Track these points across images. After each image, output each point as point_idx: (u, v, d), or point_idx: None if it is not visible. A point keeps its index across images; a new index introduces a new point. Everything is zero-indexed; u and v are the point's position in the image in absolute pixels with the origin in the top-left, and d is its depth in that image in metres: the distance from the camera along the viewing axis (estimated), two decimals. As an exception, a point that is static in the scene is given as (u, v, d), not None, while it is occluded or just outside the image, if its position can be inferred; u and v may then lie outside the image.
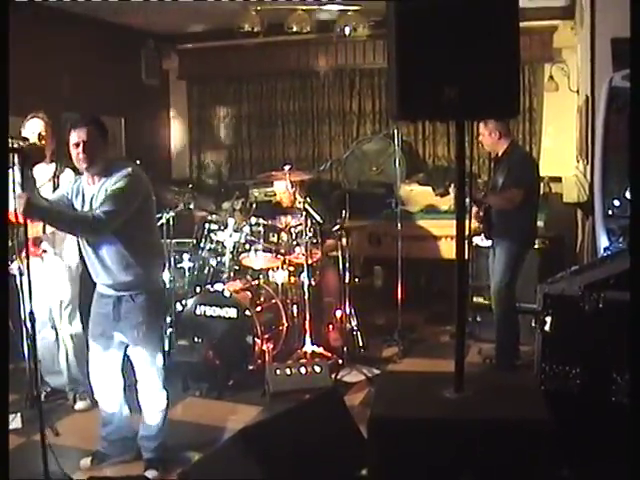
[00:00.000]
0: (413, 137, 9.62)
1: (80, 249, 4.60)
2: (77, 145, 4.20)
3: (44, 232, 5.27)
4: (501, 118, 5.24)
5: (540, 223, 6.54)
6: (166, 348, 6.25)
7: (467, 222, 5.37)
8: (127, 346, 4.50)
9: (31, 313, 4.15)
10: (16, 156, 4.20)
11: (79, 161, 4.22)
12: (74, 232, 4.17)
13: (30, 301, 4.16)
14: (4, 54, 3.33)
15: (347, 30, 8.26)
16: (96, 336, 4.55)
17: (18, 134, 5.29)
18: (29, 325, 5.46)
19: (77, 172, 4.51)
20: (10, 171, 5.18)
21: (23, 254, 5.33)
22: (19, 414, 5.37)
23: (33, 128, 5.29)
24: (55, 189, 5.03)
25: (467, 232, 5.15)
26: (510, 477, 3.03)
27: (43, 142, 5.28)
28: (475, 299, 7.06)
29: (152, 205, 4.51)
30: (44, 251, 5.34)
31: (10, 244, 5.39)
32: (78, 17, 8.48)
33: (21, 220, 4.69)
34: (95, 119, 4.33)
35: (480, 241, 6.54)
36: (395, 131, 7.13)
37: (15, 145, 4.30)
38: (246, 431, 3.75)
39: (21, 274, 5.40)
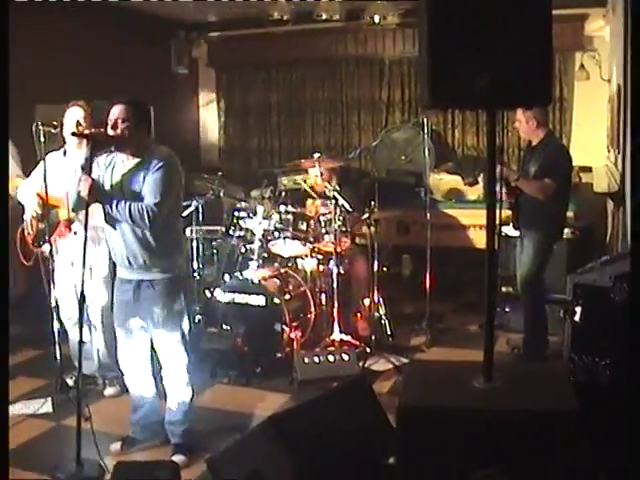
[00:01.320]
0: (442, 126, 9.56)
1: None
2: (112, 123, 4.25)
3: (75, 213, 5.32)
4: (532, 106, 5.19)
5: (570, 213, 6.48)
6: (194, 335, 6.30)
7: (497, 211, 5.33)
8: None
9: (82, 294, 4.21)
10: (84, 141, 4.26)
11: (113, 139, 4.25)
12: (128, 220, 4.19)
13: (82, 285, 4.23)
14: (4, 53, 3.34)
15: (376, 18, 8.24)
16: (120, 322, 4.60)
17: (56, 121, 5.33)
18: (70, 310, 5.58)
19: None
20: (57, 154, 5.27)
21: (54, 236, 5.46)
22: (50, 399, 5.45)
23: (74, 116, 5.32)
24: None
25: (497, 221, 5.12)
26: (539, 468, 3.02)
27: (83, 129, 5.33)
28: (504, 289, 7.02)
29: (181, 189, 4.55)
30: (75, 233, 5.38)
31: (42, 226, 5.46)
32: (109, 6, 8.50)
33: (58, 203, 4.77)
34: (134, 100, 4.37)
35: (509, 230, 6.50)
36: (424, 120, 7.10)
37: (86, 131, 4.35)
38: (274, 418, 3.77)
39: (52, 257, 5.48)
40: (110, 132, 4.24)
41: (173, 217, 4.46)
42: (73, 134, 4.53)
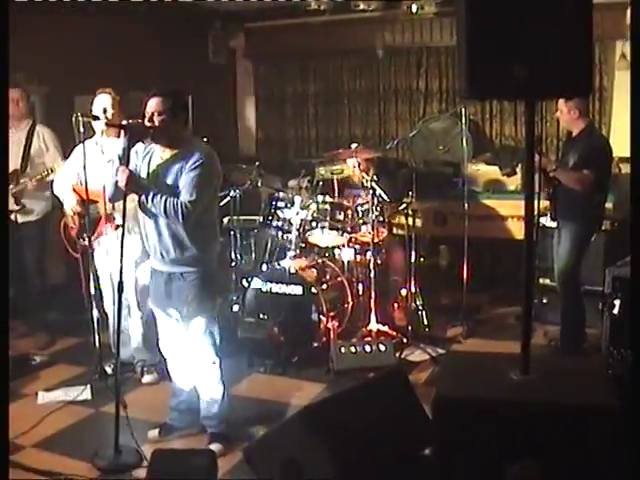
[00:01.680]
0: (480, 116, 9.49)
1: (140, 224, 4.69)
2: (149, 115, 4.27)
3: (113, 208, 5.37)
4: (573, 97, 5.13)
5: (609, 204, 6.41)
6: (231, 324, 6.34)
7: (536, 202, 5.29)
8: None
9: (120, 284, 4.26)
10: (122, 132, 4.29)
11: (150, 130, 4.27)
12: (162, 214, 4.22)
13: (121, 274, 4.28)
14: (4, 51, 3.36)
15: (414, 7, 8.20)
16: (157, 311, 4.65)
17: (89, 111, 5.40)
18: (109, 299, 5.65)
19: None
20: (89, 143, 5.32)
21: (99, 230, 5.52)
22: (89, 386, 5.52)
23: (101, 103, 5.37)
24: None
25: (535, 212, 5.08)
26: (574, 462, 3.01)
27: (111, 116, 5.36)
28: (541, 281, 6.97)
29: (218, 187, 4.58)
30: (117, 226, 5.43)
31: (82, 221, 5.53)
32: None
33: (96, 197, 4.82)
34: (170, 91, 4.38)
35: (547, 222, 6.45)
36: (462, 110, 7.06)
37: (124, 122, 4.39)
38: (310, 408, 3.78)
39: (91, 246, 5.54)
40: (147, 124, 4.26)
41: (208, 213, 4.47)
42: (107, 124, 4.56)
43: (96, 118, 5.12)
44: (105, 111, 5.32)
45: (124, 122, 4.38)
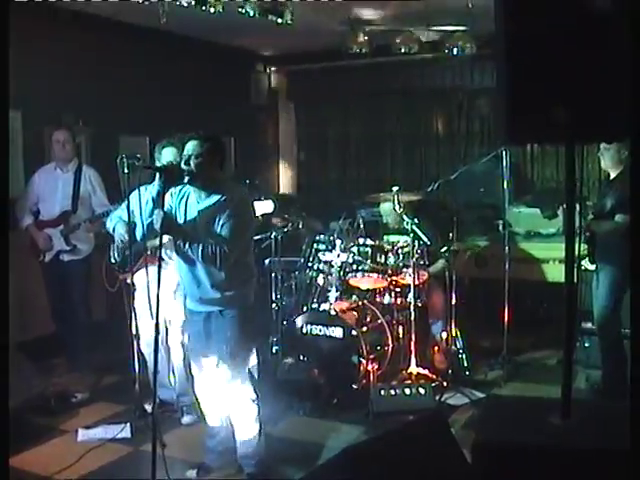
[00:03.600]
0: (521, 158, 9.50)
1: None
2: (186, 158, 4.32)
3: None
4: (613, 141, 5.11)
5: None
6: (271, 365, 6.35)
7: (577, 245, 5.26)
8: None
9: (156, 325, 4.28)
10: (157, 175, 4.35)
11: (185, 173, 4.31)
12: (199, 259, 4.27)
13: (157, 312, 4.26)
14: (4, 51, 3.41)
15: (455, 50, 8.24)
16: (194, 353, 4.67)
17: (139, 154, 5.44)
18: (150, 337, 5.67)
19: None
20: (143, 188, 5.39)
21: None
22: (128, 424, 5.55)
23: (168, 157, 5.36)
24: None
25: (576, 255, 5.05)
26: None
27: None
28: (583, 324, 6.90)
29: (254, 228, 4.62)
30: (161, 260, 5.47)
31: (128, 253, 5.57)
32: (189, 39, 8.71)
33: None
34: (207, 135, 4.42)
35: (589, 265, 6.40)
36: (503, 152, 7.06)
37: (158, 164, 4.46)
38: (349, 451, 3.76)
39: (133, 283, 5.59)
40: (183, 167, 4.31)
41: (245, 255, 4.52)
42: (145, 167, 4.63)
43: (139, 160, 5.21)
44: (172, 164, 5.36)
45: (158, 165, 4.44)
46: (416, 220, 6.52)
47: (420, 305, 6.55)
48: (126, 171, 5.03)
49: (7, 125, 4.11)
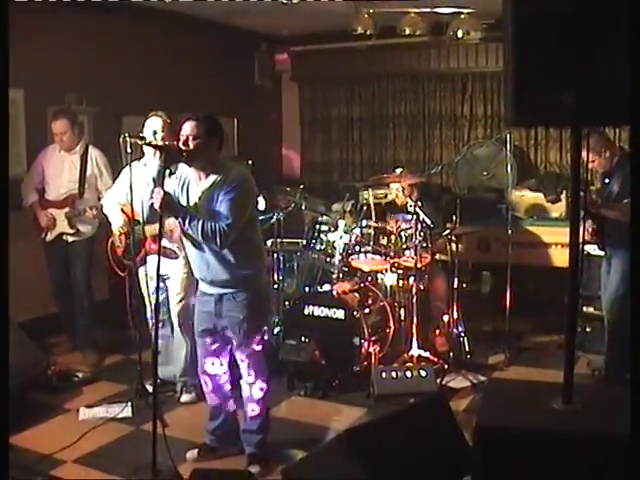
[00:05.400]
0: (525, 142, 9.47)
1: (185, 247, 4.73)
2: (184, 139, 4.29)
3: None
4: (619, 124, 5.09)
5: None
6: (272, 346, 6.35)
7: (581, 230, 5.25)
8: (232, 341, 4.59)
9: (157, 304, 4.28)
10: (157, 153, 4.35)
11: (182, 155, 4.29)
12: (200, 237, 4.26)
13: (157, 295, 4.30)
14: (5, 53, 3.40)
15: (460, 33, 8.19)
16: (201, 333, 4.66)
17: (142, 133, 5.45)
18: (151, 318, 5.69)
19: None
20: (138, 165, 5.38)
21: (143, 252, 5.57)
22: (129, 403, 5.57)
23: (152, 126, 5.42)
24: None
25: (580, 240, 5.04)
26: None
27: (160, 139, 5.41)
28: (585, 309, 6.90)
29: (254, 207, 4.61)
30: (163, 247, 5.48)
31: (129, 241, 5.59)
32: (193, 19, 8.67)
33: (138, 218, 4.87)
34: (206, 116, 4.39)
35: (592, 250, 6.39)
36: (507, 136, 7.03)
37: (159, 143, 4.45)
38: (350, 432, 3.77)
39: (137, 269, 5.61)
40: (181, 147, 4.30)
41: (250, 231, 4.48)
42: (147, 144, 4.62)
43: (142, 139, 5.18)
44: (155, 133, 5.36)
45: (160, 143, 4.43)
46: (419, 202, 6.51)
47: (422, 288, 6.54)
48: (129, 150, 5.03)
49: (7, 125, 4.08)
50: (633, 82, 2.81)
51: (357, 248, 6.51)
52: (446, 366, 6.23)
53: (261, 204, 6.36)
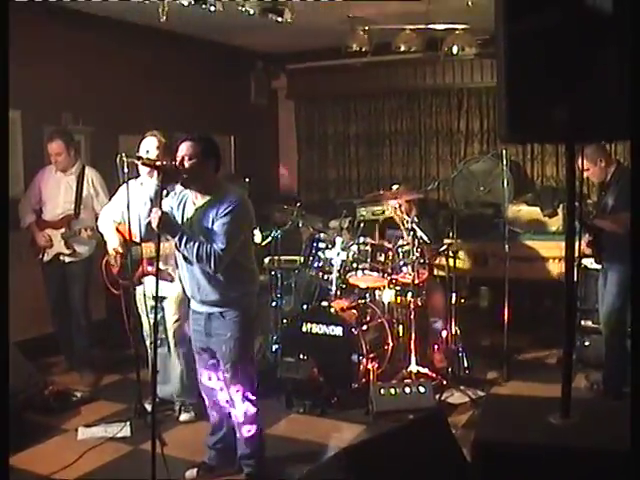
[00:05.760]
0: (521, 157, 9.50)
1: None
2: (179, 160, 4.30)
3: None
4: (613, 140, 5.11)
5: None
6: (270, 364, 6.35)
7: (577, 244, 5.25)
8: None
9: (155, 324, 4.28)
10: (155, 172, 4.35)
11: (179, 175, 4.30)
12: (194, 259, 4.26)
13: (155, 315, 4.33)
14: (4, 52, 3.41)
15: (455, 49, 8.23)
16: (199, 350, 4.67)
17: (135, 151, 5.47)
18: (148, 338, 5.69)
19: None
20: (135, 183, 5.38)
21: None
22: (128, 423, 5.55)
23: (146, 145, 5.44)
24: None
25: (577, 254, 5.04)
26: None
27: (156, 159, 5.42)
28: (583, 323, 6.89)
29: (251, 230, 4.62)
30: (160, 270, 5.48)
31: (124, 261, 5.60)
32: (189, 39, 8.72)
33: (135, 239, 4.88)
34: (201, 136, 4.41)
35: (589, 263, 6.40)
36: (503, 151, 7.05)
37: (157, 162, 4.46)
38: (349, 450, 3.77)
39: (134, 288, 5.61)
40: (178, 166, 4.30)
41: (245, 255, 4.49)
42: (143, 164, 4.62)
43: (139, 159, 5.20)
44: (148, 153, 5.38)
45: (157, 163, 4.44)
46: (416, 218, 6.52)
47: (420, 304, 6.54)
48: (125, 170, 5.04)
49: (7, 125, 4.10)
50: (633, 94, 2.82)
51: (355, 265, 6.51)
52: (445, 382, 6.22)
53: (257, 237, 6.35)
